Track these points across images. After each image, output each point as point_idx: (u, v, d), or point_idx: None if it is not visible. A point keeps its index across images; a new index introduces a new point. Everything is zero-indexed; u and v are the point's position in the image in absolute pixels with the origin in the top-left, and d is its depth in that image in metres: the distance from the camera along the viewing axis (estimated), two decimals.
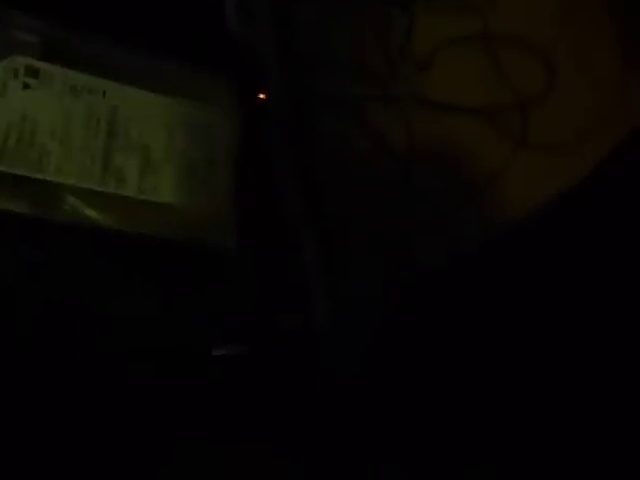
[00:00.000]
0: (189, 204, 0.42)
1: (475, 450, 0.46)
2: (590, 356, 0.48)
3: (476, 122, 0.55)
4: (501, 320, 0.49)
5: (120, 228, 0.39)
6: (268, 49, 0.50)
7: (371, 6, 0.58)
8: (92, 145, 0.40)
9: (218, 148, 0.44)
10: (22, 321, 0.36)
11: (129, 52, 0.44)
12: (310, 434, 0.42)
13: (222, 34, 0.49)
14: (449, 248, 0.51)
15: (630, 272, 0.50)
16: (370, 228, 0.50)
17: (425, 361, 0.47)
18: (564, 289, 0.49)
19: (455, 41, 0.56)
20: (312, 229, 0.46)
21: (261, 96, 0.49)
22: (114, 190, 0.40)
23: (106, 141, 0.41)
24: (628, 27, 0.59)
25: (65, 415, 0.37)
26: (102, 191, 0.39)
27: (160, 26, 0.47)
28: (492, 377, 0.48)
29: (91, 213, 0.39)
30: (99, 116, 0.41)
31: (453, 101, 0.55)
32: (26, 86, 0.40)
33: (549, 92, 0.56)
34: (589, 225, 0.52)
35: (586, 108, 0.55)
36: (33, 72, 0.40)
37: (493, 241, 0.52)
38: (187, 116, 0.44)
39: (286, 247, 0.44)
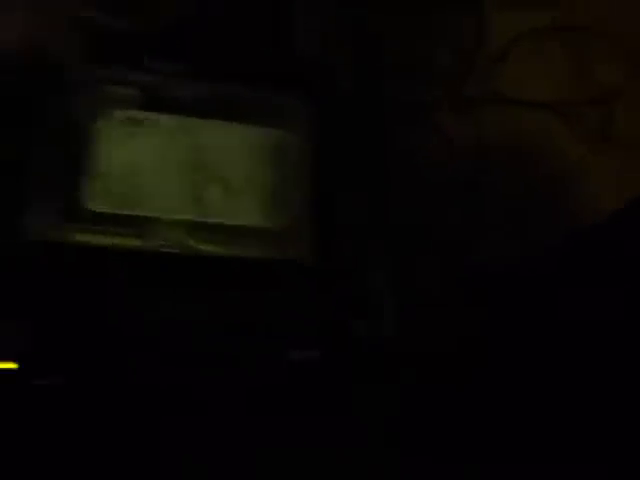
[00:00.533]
0: (270, 225, 0.48)
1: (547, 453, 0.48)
2: None
3: (552, 118, 0.55)
4: (574, 323, 0.50)
5: (211, 251, 0.46)
6: (341, 65, 0.54)
7: (442, 8, 0.58)
8: (182, 180, 0.47)
9: (294, 170, 0.49)
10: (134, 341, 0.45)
11: (210, 86, 0.50)
12: (376, 438, 0.47)
13: (293, 57, 0.54)
14: (521, 250, 0.52)
15: None
16: (440, 230, 0.53)
17: (497, 366, 0.49)
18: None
19: (529, 35, 0.56)
20: (381, 240, 0.50)
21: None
22: (202, 218, 0.47)
23: (194, 174, 0.48)
24: None
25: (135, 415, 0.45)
26: (192, 220, 0.47)
27: (236, 56, 0.53)
28: (567, 384, 0.49)
29: (184, 240, 0.46)
30: (188, 152, 0.48)
31: (528, 97, 0.55)
32: (129, 134, 0.47)
33: (631, 85, 0.54)
34: None
35: None
36: (134, 122, 0.48)
37: (569, 242, 0.52)
38: (264, 141, 0.50)
39: (357, 257, 0.49)
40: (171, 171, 0.47)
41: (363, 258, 0.50)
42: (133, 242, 0.45)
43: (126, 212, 0.45)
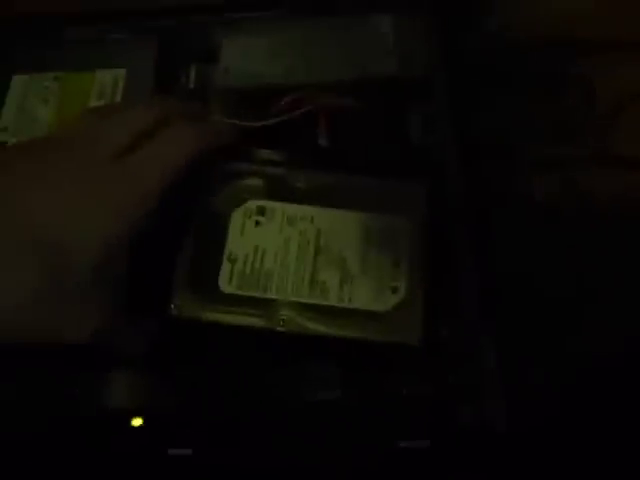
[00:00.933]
0: (380, 309, 0.51)
1: None
2: None
3: None
4: None
5: (326, 332, 0.50)
6: (449, 158, 0.57)
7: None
8: (303, 264, 0.52)
9: (407, 254, 0.53)
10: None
11: (328, 176, 0.55)
12: None
13: (407, 148, 0.58)
14: (620, 324, 0.52)
15: None
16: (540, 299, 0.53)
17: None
18: None
19: None
20: (490, 329, 0.52)
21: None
22: (319, 301, 0.51)
23: (313, 259, 0.52)
24: None
25: None
26: (310, 303, 0.51)
27: (353, 148, 0.57)
28: None
29: (302, 321, 0.50)
30: (308, 239, 0.52)
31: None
32: (257, 223, 0.53)
33: None
34: None
35: None
36: (261, 211, 0.53)
37: None
38: (379, 227, 0.53)
39: (465, 342, 0.51)
40: (292, 256, 0.51)
41: (473, 342, 0.52)
42: (256, 322, 0.49)
43: (252, 294, 0.50)
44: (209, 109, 0.60)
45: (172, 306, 0.49)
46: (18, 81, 0.66)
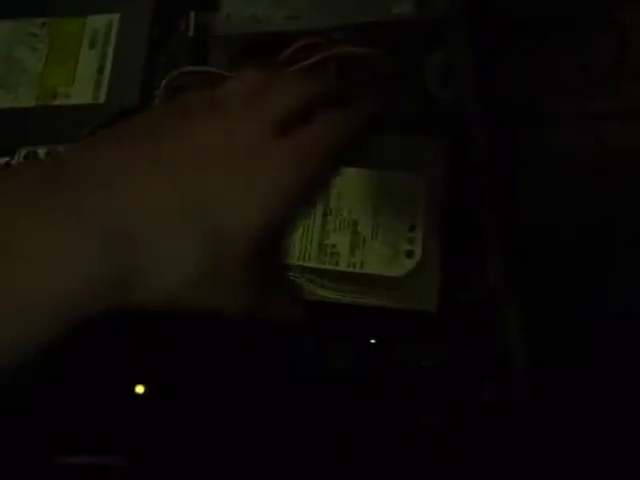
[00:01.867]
0: (395, 274, 0.47)
1: None
2: None
3: None
4: None
5: (337, 299, 0.46)
6: (472, 108, 0.52)
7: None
8: (310, 227, 0.48)
9: (423, 216, 0.48)
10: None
11: None
12: None
13: (424, 100, 0.53)
14: None
15: None
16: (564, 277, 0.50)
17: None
18: None
19: None
20: (516, 303, 0.48)
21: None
22: (329, 266, 0.47)
23: (322, 222, 0.48)
24: None
25: None
26: (319, 267, 0.47)
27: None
28: None
29: (311, 288, 0.46)
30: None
31: None
32: None
33: None
34: None
35: None
36: None
37: None
38: (393, 187, 0.49)
39: (489, 315, 0.47)
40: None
41: (496, 311, 0.48)
42: None
43: None
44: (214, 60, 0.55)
45: None
46: (2, 28, 0.61)
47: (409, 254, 0.47)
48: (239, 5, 0.58)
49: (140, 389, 0.47)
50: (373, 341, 0.47)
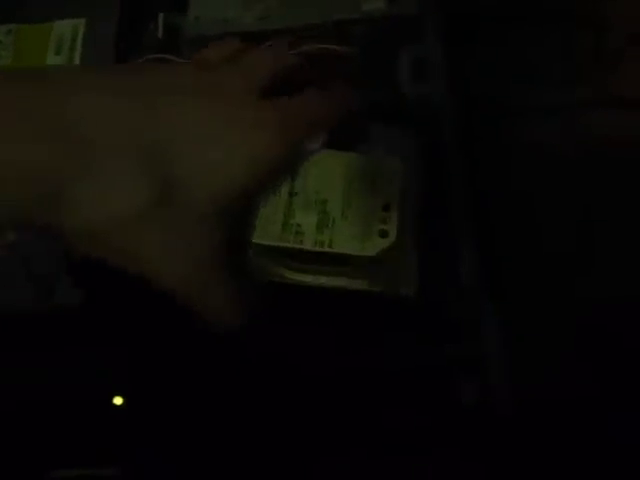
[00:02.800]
0: (367, 253, 0.43)
1: None
2: None
3: None
4: None
5: (303, 281, 0.42)
6: (443, 102, 0.51)
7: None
8: (276, 206, 0.44)
9: (399, 195, 0.45)
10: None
11: None
12: None
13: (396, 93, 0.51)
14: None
15: None
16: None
17: None
18: None
19: None
20: (492, 301, 0.44)
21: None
22: (293, 244, 0.43)
23: (288, 201, 0.44)
24: None
25: None
26: (282, 246, 0.43)
27: None
28: None
29: (278, 270, 0.42)
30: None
31: None
32: None
33: None
34: None
35: None
36: None
37: None
38: (364, 168, 0.46)
39: (466, 314, 0.43)
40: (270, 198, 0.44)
41: (474, 316, 0.44)
42: None
43: None
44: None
45: None
46: None
47: (383, 234, 0.43)
48: (208, 7, 0.58)
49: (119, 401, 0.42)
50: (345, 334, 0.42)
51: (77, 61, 0.59)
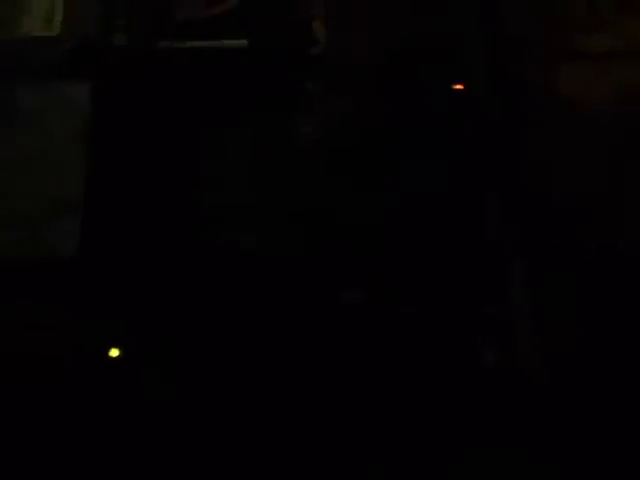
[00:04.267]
0: None
1: None
2: None
3: None
4: None
5: None
6: (475, 41, 0.47)
7: None
8: None
9: None
10: None
11: None
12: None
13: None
14: None
15: None
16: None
17: None
18: None
19: None
20: (521, 259, 0.43)
21: (458, 87, 0.48)
22: None
23: None
24: None
25: None
26: None
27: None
28: None
29: None
30: None
31: None
32: None
33: None
34: None
35: None
36: None
37: None
38: None
39: (490, 275, 0.43)
40: None
41: (499, 277, 0.43)
42: None
43: None
44: None
45: None
46: None
47: None
48: None
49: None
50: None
51: None
